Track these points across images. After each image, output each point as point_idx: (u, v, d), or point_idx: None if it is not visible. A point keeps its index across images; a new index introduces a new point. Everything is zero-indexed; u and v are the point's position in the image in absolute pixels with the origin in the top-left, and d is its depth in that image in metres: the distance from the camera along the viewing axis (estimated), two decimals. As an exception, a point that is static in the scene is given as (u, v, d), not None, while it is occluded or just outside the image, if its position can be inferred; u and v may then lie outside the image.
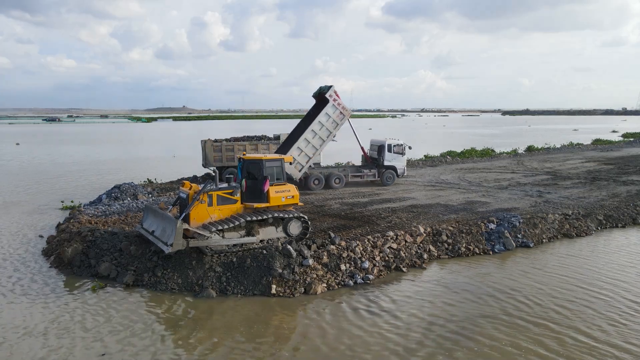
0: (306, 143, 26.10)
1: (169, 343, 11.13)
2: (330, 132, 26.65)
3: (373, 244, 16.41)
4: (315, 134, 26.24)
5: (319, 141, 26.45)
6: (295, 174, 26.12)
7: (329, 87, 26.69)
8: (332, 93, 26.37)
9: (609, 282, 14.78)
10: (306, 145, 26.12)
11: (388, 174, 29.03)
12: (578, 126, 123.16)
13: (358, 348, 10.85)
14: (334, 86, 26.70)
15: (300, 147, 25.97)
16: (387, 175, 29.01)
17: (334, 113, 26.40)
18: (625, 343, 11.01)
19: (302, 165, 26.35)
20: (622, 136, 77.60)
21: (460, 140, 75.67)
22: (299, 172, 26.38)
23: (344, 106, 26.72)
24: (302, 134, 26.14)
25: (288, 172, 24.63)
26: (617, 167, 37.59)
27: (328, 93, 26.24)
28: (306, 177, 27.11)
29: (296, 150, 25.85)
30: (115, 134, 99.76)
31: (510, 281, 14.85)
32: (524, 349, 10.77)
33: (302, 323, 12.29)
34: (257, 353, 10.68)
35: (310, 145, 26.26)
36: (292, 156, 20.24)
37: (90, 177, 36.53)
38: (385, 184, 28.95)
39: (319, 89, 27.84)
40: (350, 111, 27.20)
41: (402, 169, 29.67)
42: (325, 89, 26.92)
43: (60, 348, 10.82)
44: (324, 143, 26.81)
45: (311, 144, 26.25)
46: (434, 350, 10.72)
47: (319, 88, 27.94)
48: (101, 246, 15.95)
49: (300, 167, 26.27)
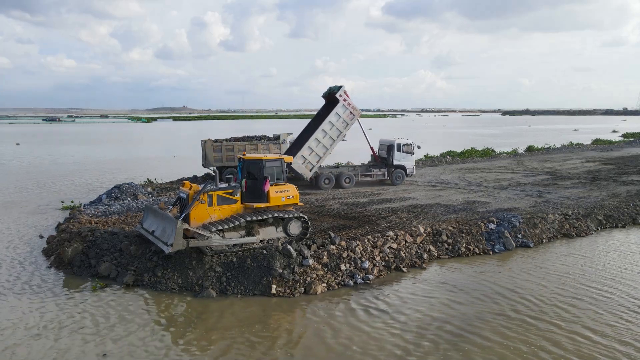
0: (317, 143, 26.45)
1: (169, 343, 11.13)
2: (340, 132, 26.99)
3: (373, 244, 16.41)
4: (326, 134, 26.56)
5: (329, 141, 26.79)
6: (306, 174, 26.47)
7: (339, 87, 26.98)
8: (342, 93, 26.73)
9: (613, 280, 14.80)
10: (317, 145, 26.47)
11: (397, 174, 29.20)
12: (578, 126, 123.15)
13: (358, 348, 10.85)
14: (344, 86, 27.03)
15: (311, 146, 26.31)
16: (397, 175, 29.17)
17: (344, 113, 26.77)
18: (636, 341, 11.03)
19: (313, 165, 26.66)
20: (622, 136, 77.62)
21: (460, 140, 75.65)
22: (310, 172, 26.67)
23: (354, 106, 27.10)
24: (313, 134, 26.40)
25: (299, 171, 25.50)
26: (617, 167, 37.60)
27: (338, 93, 26.58)
28: (317, 176, 27.31)
29: (307, 150, 26.22)
30: (115, 134, 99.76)
31: (512, 280, 14.86)
32: (534, 346, 10.79)
33: (302, 323, 12.30)
34: (257, 353, 10.68)
35: (321, 145, 26.60)
36: (292, 156, 20.64)
37: (91, 177, 36.53)
38: (395, 183, 29.09)
39: (328, 89, 28.13)
40: (360, 111, 27.52)
41: (412, 168, 29.85)
42: (335, 89, 27.21)
43: (60, 348, 10.82)
44: (335, 143, 27.12)
45: (322, 144, 26.60)
46: (434, 351, 10.71)
47: (328, 88, 28.25)
48: (101, 246, 15.95)
49: (311, 166, 26.60)
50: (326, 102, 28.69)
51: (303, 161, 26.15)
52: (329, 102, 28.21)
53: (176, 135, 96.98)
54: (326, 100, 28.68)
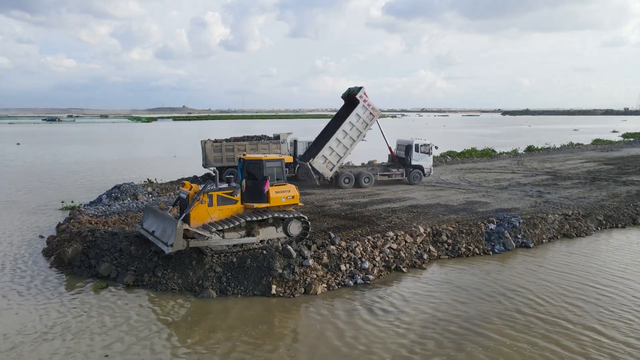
0: (337, 143, 27.00)
1: (169, 343, 11.14)
2: (360, 132, 27.53)
3: (373, 244, 16.42)
4: (346, 134, 27.16)
5: (349, 141, 27.32)
6: (327, 173, 27.03)
7: (359, 89, 27.56)
8: (362, 94, 27.36)
9: (615, 280, 14.84)
10: (337, 145, 27.03)
11: (415, 173, 29.67)
12: (578, 126, 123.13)
13: (359, 348, 10.86)
14: (364, 87, 27.64)
15: (332, 146, 26.87)
16: (414, 175, 29.65)
17: (363, 114, 27.40)
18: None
19: (334, 165, 27.19)
20: (622, 136, 77.60)
21: (460, 140, 75.65)
22: (330, 171, 27.15)
23: (373, 107, 27.68)
24: (334, 134, 26.96)
25: (320, 171, 26.25)
26: (617, 168, 37.60)
27: (358, 94, 27.23)
28: (337, 175, 27.80)
29: (328, 150, 26.75)
30: (115, 134, 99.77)
31: (514, 279, 14.89)
32: (539, 347, 10.80)
33: (302, 323, 12.30)
34: (257, 353, 10.69)
35: (342, 145, 27.17)
36: (291, 157, 20.79)
37: (91, 177, 36.54)
38: (412, 183, 29.56)
39: (348, 90, 28.78)
40: (379, 112, 28.20)
41: (429, 168, 30.32)
42: (355, 89, 27.87)
43: (60, 348, 10.83)
44: (354, 143, 27.69)
45: (342, 144, 27.16)
46: (439, 350, 10.72)
47: (347, 89, 28.85)
48: (101, 246, 15.95)
49: (331, 166, 27.15)
50: (345, 103, 29.33)
51: (324, 161, 26.72)
52: (348, 103, 28.86)
53: (176, 135, 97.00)
54: (345, 101, 29.31)
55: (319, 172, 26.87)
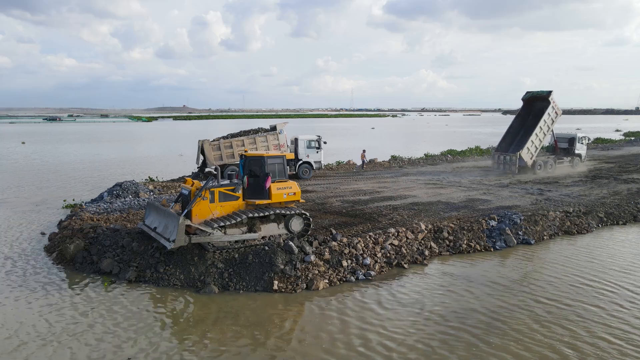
0: (535, 137, 33.04)
1: (172, 339, 11.17)
2: (549, 128, 34.00)
3: (374, 241, 16.45)
4: (541, 130, 33.33)
5: (542, 135, 33.55)
6: (529, 161, 32.78)
7: (549, 92, 33.50)
8: (553, 97, 33.32)
9: (618, 278, 14.82)
10: (535, 138, 33.07)
11: (576, 160, 36.43)
12: (580, 125, 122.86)
13: (360, 344, 10.89)
14: (553, 91, 33.43)
15: (533, 140, 32.86)
16: (575, 161, 36.27)
17: (552, 113, 33.65)
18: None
19: (532, 154, 33.15)
20: (623, 135, 77.49)
21: (461, 138, 75.64)
22: (530, 160, 32.93)
23: (558, 107, 34.02)
24: (534, 131, 32.71)
25: (525, 159, 32.66)
26: (618, 166, 37.64)
27: (550, 97, 33.27)
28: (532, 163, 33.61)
29: (530, 143, 32.66)
30: (116, 133, 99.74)
31: (513, 275, 14.89)
32: (544, 344, 10.78)
33: (304, 319, 12.33)
34: (259, 348, 10.72)
35: (538, 139, 33.28)
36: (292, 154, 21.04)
37: (92, 175, 36.57)
38: (575, 168, 35.64)
39: (530, 93, 35.29)
40: (561, 111, 34.35)
41: (585, 155, 37.52)
42: (542, 93, 34.16)
43: (62, 348, 10.87)
44: (545, 137, 34.10)
45: (538, 138, 33.31)
46: (439, 346, 10.75)
47: (529, 92, 35.34)
48: (103, 243, 15.99)
49: (531, 155, 33.06)
50: (524, 104, 35.67)
51: (527, 152, 32.49)
52: (526, 104, 35.49)
53: (177, 135, 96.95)
54: (524, 103, 35.60)
55: (524, 160, 32.40)
